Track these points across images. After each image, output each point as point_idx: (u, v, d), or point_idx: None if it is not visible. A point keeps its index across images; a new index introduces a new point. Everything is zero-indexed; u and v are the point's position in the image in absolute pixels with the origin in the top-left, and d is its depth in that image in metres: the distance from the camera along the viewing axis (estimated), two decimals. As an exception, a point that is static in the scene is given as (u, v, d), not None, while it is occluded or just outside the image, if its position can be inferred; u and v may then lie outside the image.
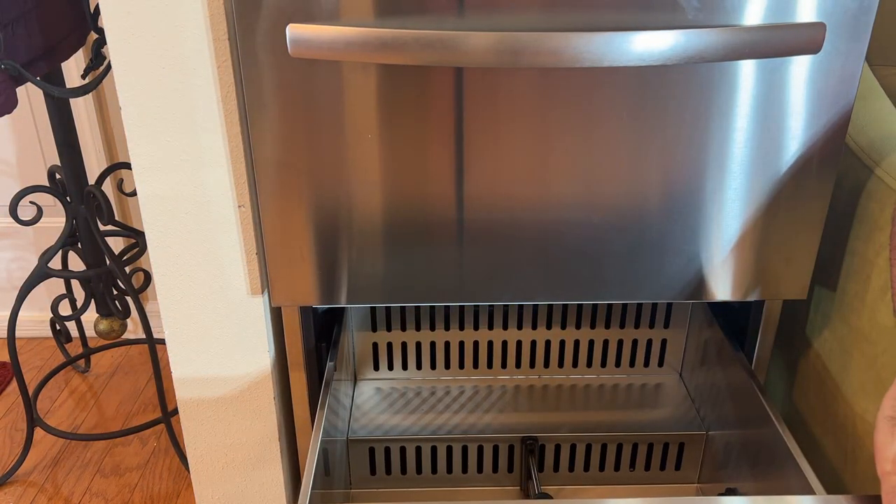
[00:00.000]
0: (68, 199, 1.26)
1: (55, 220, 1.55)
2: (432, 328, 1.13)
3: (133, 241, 1.38)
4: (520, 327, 1.13)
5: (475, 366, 1.16)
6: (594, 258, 0.86)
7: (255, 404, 0.99)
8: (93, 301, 1.37)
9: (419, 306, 1.11)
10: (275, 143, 0.79)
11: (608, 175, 0.81)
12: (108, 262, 1.27)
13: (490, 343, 1.15)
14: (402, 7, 0.73)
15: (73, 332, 1.64)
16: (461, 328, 1.13)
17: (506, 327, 1.13)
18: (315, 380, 0.99)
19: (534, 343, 1.14)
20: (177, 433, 1.37)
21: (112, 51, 0.79)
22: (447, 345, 1.14)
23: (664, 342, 1.15)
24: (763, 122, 0.79)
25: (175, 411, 1.30)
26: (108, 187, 1.55)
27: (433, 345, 1.14)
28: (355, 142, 0.79)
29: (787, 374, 1.06)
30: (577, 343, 1.15)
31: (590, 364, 1.17)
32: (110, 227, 1.32)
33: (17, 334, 1.29)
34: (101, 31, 1.17)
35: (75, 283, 1.47)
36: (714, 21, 0.73)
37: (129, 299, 1.37)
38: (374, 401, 1.13)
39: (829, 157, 0.81)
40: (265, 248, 0.85)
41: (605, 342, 1.15)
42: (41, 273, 1.27)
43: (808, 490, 0.78)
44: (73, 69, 1.45)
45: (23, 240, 1.68)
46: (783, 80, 0.77)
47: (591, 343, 1.15)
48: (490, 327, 1.13)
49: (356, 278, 0.86)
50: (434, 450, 1.07)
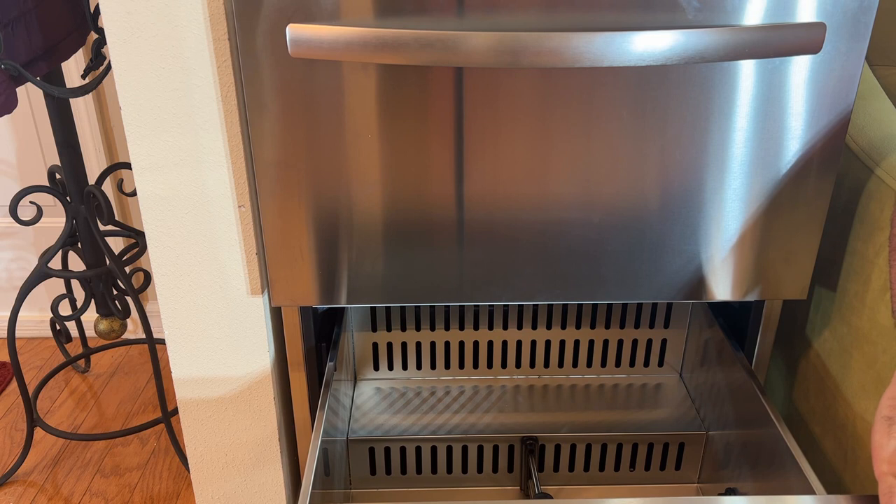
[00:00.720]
0: (68, 199, 1.26)
1: (55, 220, 1.55)
2: (432, 328, 1.13)
3: (133, 241, 1.38)
4: (520, 327, 1.13)
5: (475, 366, 1.16)
6: (594, 258, 0.86)
7: (255, 404, 0.99)
8: (93, 301, 1.37)
9: (419, 306, 1.11)
10: (275, 143, 0.79)
11: (608, 175, 0.81)
12: (108, 262, 1.28)
13: (490, 343, 1.15)
14: (402, 7, 0.73)
15: (73, 332, 1.64)
16: (461, 328, 1.13)
17: (506, 327, 1.13)
18: (315, 380, 0.99)
19: (534, 343, 1.14)
20: (177, 433, 1.37)
21: (112, 51, 0.79)
22: (447, 345, 1.14)
23: (664, 342, 1.15)
24: (763, 122, 0.79)
25: (175, 411, 1.30)
26: (108, 187, 1.55)
27: (433, 345, 1.14)
28: (355, 142, 0.79)
29: (787, 374, 1.06)
30: (577, 343, 1.15)
31: (590, 364, 1.17)
32: (110, 227, 1.32)
33: (17, 334, 1.29)
34: (101, 31, 1.17)
35: (75, 283, 1.47)
36: (714, 21, 0.73)
37: (129, 299, 1.37)
38: (374, 401, 1.13)
39: (829, 157, 0.81)
40: (265, 248, 0.85)
41: (605, 342, 1.15)
42: (41, 273, 1.27)
43: (808, 490, 0.78)
44: (73, 69, 1.45)
45: (23, 240, 1.68)
46: (783, 80, 0.77)
47: (591, 343, 1.15)
48: (490, 327, 1.13)
49: (356, 278, 0.86)
50: (434, 450, 1.07)
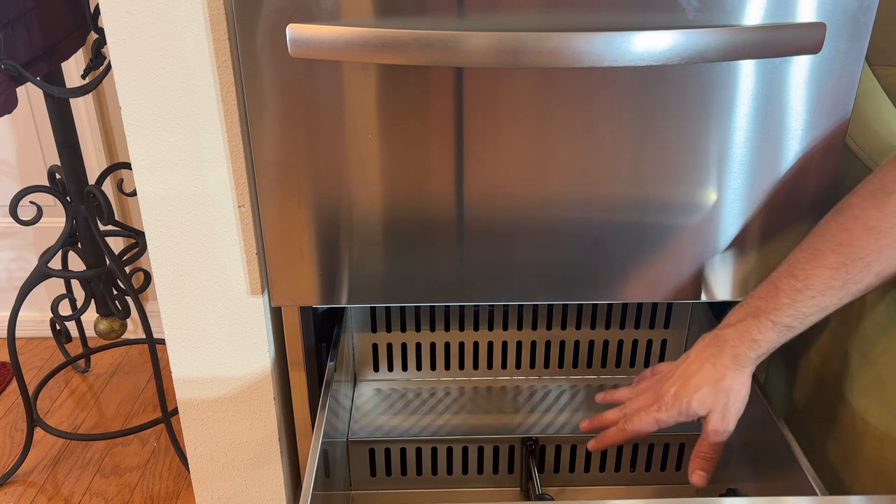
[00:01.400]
0: (68, 199, 1.26)
1: (55, 220, 1.55)
2: (432, 329, 1.13)
3: (133, 241, 1.38)
4: (520, 328, 1.13)
5: (475, 366, 1.16)
6: (594, 258, 0.86)
7: (255, 404, 0.99)
8: (93, 301, 1.37)
9: (419, 307, 1.11)
10: (275, 143, 0.79)
11: (608, 175, 0.81)
12: (108, 262, 1.27)
13: (490, 344, 1.14)
14: (402, 7, 0.73)
15: (73, 332, 1.64)
16: (461, 329, 1.13)
17: (506, 328, 1.13)
18: (315, 380, 0.99)
19: (534, 343, 1.14)
20: (177, 433, 1.37)
21: (112, 51, 0.79)
22: (447, 345, 1.14)
23: (664, 342, 1.15)
24: (763, 122, 0.79)
25: (175, 411, 1.30)
26: (108, 187, 1.55)
27: (433, 345, 1.14)
28: (355, 142, 0.79)
29: (787, 374, 1.06)
30: (577, 343, 1.15)
31: (590, 365, 1.17)
32: (110, 227, 1.32)
33: (17, 334, 1.29)
34: (101, 31, 1.17)
35: (75, 283, 1.47)
36: (714, 21, 0.73)
37: (129, 299, 1.37)
38: (374, 402, 1.13)
39: (829, 157, 0.81)
40: (265, 248, 0.85)
41: (606, 342, 1.15)
42: (41, 273, 1.27)
43: (808, 490, 0.78)
44: (73, 69, 1.45)
45: (23, 240, 1.68)
46: (783, 80, 0.77)
47: (591, 343, 1.15)
48: (490, 328, 1.13)
49: (356, 278, 0.86)
50: (434, 451, 1.07)
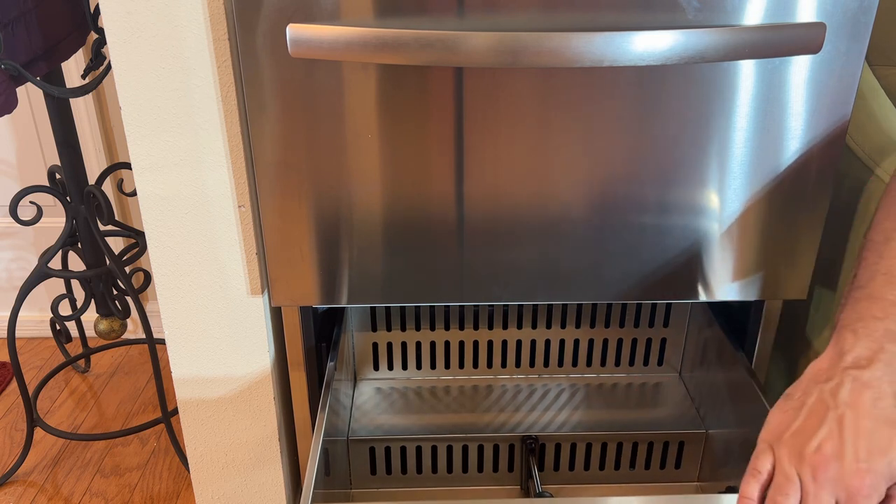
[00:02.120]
0: (68, 199, 1.26)
1: (55, 220, 1.55)
2: (432, 328, 1.13)
3: (133, 241, 1.38)
4: (520, 327, 1.13)
5: (475, 365, 1.17)
6: (594, 258, 0.86)
7: (255, 404, 0.99)
8: (93, 301, 1.37)
9: (419, 306, 1.11)
10: (275, 143, 0.79)
11: (608, 175, 0.81)
12: (108, 262, 1.27)
13: (490, 343, 1.15)
14: (402, 7, 0.73)
15: (74, 332, 1.64)
16: (461, 328, 1.13)
17: (506, 327, 1.13)
18: (315, 380, 0.99)
19: (533, 342, 1.15)
20: (177, 433, 1.37)
21: (112, 51, 0.79)
22: (447, 344, 1.14)
23: (664, 342, 1.15)
24: (763, 122, 0.79)
25: (175, 411, 1.30)
26: (108, 187, 1.55)
27: (433, 344, 1.14)
28: (355, 142, 0.79)
29: (787, 374, 1.06)
30: (576, 342, 1.15)
31: (589, 363, 1.17)
32: (110, 227, 1.32)
33: (17, 334, 1.29)
34: (101, 31, 1.17)
35: (75, 283, 1.47)
36: (714, 21, 0.73)
37: (129, 299, 1.37)
38: (375, 401, 1.13)
39: (829, 157, 0.81)
40: (265, 248, 0.85)
41: (605, 341, 1.15)
42: (41, 273, 1.27)
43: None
44: (73, 69, 1.45)
45: (23, 240, 1.68)
46: (783, 80, 0.77)
47: (591, 342, 1.15)
48: (490, 327, 1.13)
49: (356, 278, 0.86)
50: (434, 449, 1.07)
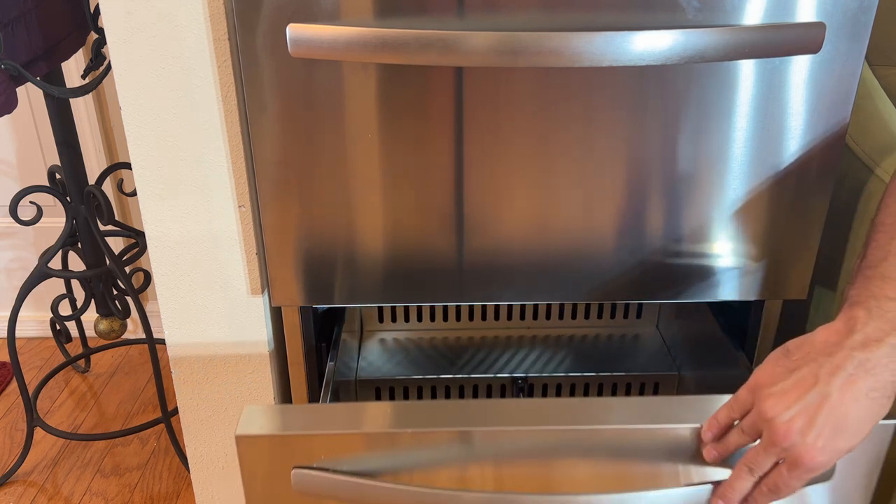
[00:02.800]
0: (68, 199, 1.26)
1: (55, 220, 1.55)
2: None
3: (133, 241, 1.38)
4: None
5: (471, 318, 1.23)
6: (593, 257, 0.86)
7: (256, 404, 0.99)
8: (93, 301, 1.38)
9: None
10: (275, 142, 0.79)
11: (608, 174, 0.81)
12: (108, 262, 1.28)
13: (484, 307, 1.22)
14: (402, 7, 0.73)
15: (74, 332, 1.64)
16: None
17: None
18: (315, 380, 0.99)
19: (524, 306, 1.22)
20: (177, 433, 1.37)
21: (112, 51, 0.79)
22: (445, 308, 1.22)
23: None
24: (763, 122, 0.79)
25: (175, 411, 1.30)
26: (108, 187, 1.55)
27: (432, 308, 1.22)
28: (355, 142, 0.79)
29: (787, 374, 1.06)
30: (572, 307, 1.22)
31: (587, 317, 1.23)
32: (110, 227, 1.32)
33: (17, 334, 1.29)
34: (101, 31, 1.17)
35: (75, 283, 1.47)
36: (714, 21, 0.73)
37: (129, 299, 1.37)
38: (379, 351, 1.21)
39: (830, 157, 0.81)
40: (265, 248, 0.85)
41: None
42: (41, 273, 1.27)
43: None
44: (73, 69, 1.45)
45: (23, 240, 1.69)
46: (783, 79, 0.77)
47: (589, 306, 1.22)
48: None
49: (356, 278, 0.86)
50: (434, 389, 1.14)
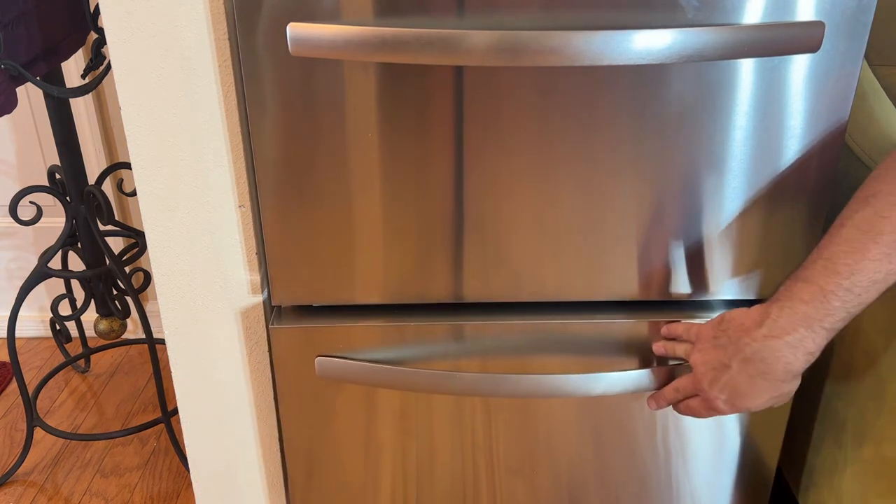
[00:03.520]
0: (68, 199, 1.26)
1: (55, 220, 1.55)
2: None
3: (133, 241, 1.38)
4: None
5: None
6: (592, 256, 0.86)
7: (255, 404, 0.99)
8: (93, 301, 1.38)
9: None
10: (275, 142, 0.79)
11: (608, 174, 0.81)
12: (108, 262, 1.28)
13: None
14: (402, 6, 0.73)
15: (74, 332, 1.64)
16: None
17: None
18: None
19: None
20: (177, 433, 1.37)
21: (112, 51, 0.79)
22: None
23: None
24: (763, 122, 0.79)
25: (175, 411, 1.30)
26: (108, 187, 1.55)
27: None
28: (356, 141, 0.79)
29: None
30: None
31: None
32: (110, 227, 1.32)
33: (17, 334, 1.29)
34: (101, 31, 1.17)
35: (75, 283, 1.47)
36: (714, 20, 0.73)
37: (129, 299, 1.37)
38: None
39: (829, 157, 0.81)
40: (265, 248, 0.85)
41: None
42: (41, 273, 1.27)
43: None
44: (73, 69, 1.45)
45: (23, 240, 1.69)
46: (782, 79, 0.77)
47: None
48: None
49: (356, 277, 0.86)
50: None
